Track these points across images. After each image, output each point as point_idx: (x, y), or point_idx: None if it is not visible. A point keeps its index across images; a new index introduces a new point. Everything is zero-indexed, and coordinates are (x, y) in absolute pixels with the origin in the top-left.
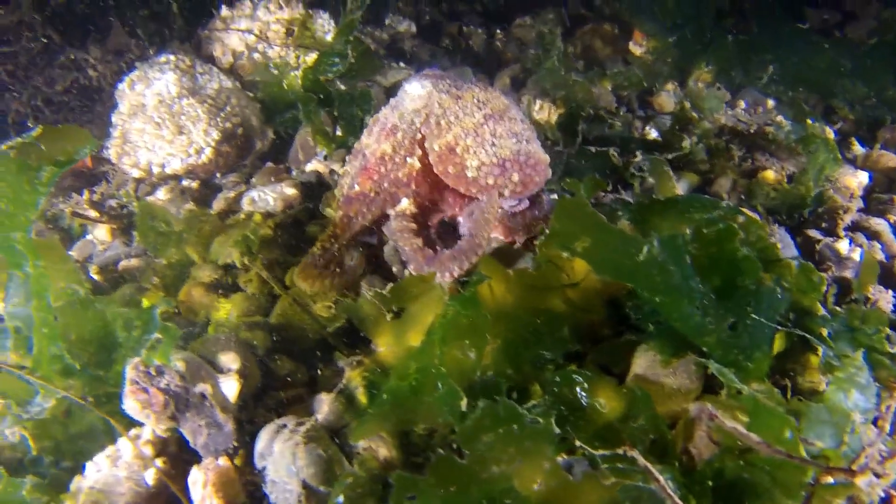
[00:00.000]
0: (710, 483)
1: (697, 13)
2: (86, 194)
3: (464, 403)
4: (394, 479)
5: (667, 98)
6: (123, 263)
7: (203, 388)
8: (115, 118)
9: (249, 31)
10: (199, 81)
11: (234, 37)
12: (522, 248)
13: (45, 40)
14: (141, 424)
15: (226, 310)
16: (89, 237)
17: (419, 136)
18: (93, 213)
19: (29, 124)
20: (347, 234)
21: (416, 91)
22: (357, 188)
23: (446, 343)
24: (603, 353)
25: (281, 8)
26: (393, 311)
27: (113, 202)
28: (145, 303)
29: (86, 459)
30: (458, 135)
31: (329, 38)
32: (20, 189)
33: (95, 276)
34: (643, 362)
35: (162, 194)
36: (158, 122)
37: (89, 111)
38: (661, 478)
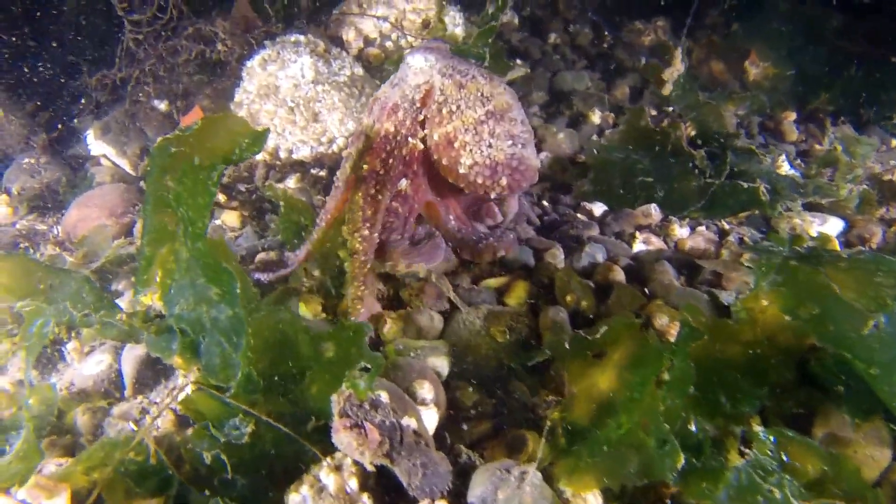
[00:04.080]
0: None
1: (814, 39)
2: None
3: (680, 461)
4: None
5: (790, 127)
6: (261, 256)
7: (409, 422)
8: (240, 96)
9: (385, 19)
10: (333, 67)
11: (368, 22)
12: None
13: (174, 10)
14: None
15: (397, 326)
16: (217, 222)
17: (420, 116)
18: (221, 198)
19: (149, 91)
20: (377, 214)
21: (419, 64)
22: (367, 167)
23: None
24: (785, 406)
25: None
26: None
27: (242, 186)
28: (303, 308)
29: (275, 482)
30: (458, 128)
31: (458, 31)
32: (196, 191)
33: None
34: (833, 422)
35: (292, 182)
36: (292, 108)
37: (208, 85)
38: None
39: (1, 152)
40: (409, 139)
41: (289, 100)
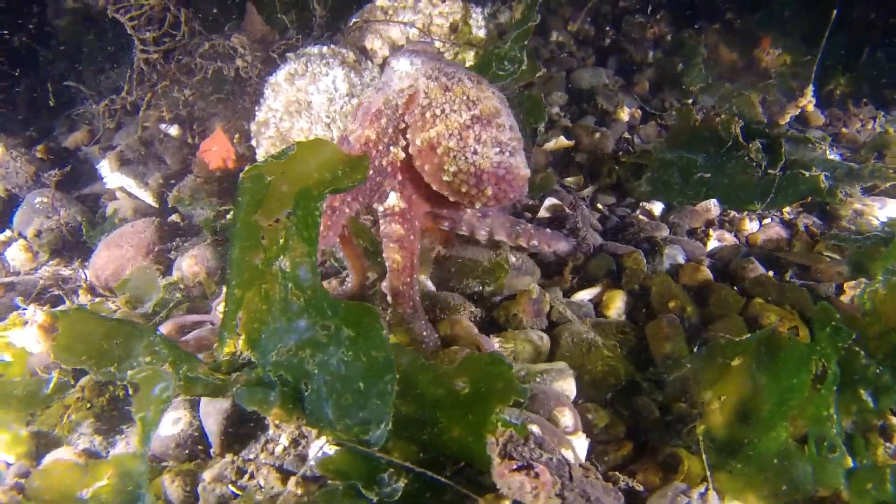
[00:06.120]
0: None
1: (825, 28)
2: None
3: (849, 465)
4: None
5: (815, 112)
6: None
7: (567, 454)
8: (264, 115)
9: (412, 25)
10: (365, 78)
11: (395, 29)
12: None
13: (185, 27)
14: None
15: (506, 350)
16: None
17: (403, 124)
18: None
19: (165, 117)
20: (332, 228)
21: (404, 68)
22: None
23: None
24: None
25: (443, 1)
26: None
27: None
28: (393, 339)
29: None
30: (442, 133)
31: (481, 33)
32: (307, 224)
33: None
34: None
35: None
36: (328, 124)
37: (224, 105)
38: None
39: (7, 192)
40: (391, 148)
41: (324, 115)
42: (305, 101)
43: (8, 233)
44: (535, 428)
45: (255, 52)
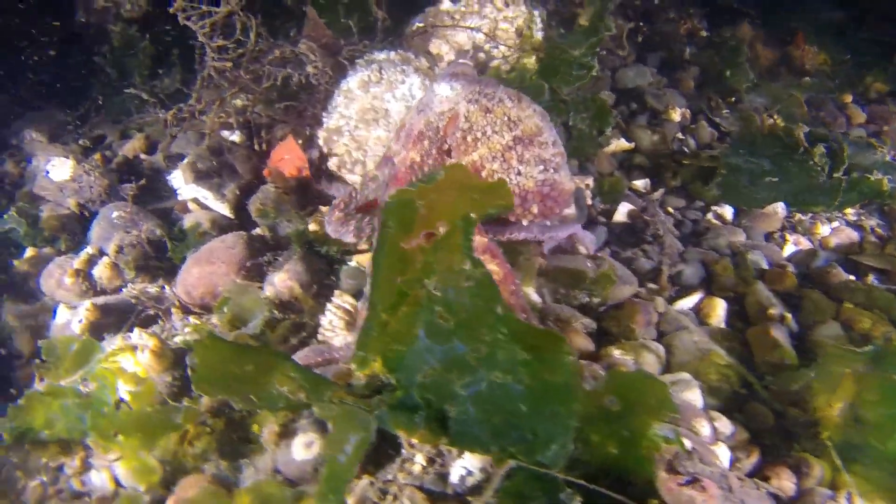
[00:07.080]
0: None
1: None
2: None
3: None
4: None
5: (856, 110)
6: None
7: (722, 467)
8: (336, 122)
9: (479, 30)
10: None
11: (461, 34)
12: None
13: (255, 35)
14: None
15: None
16: (352, 264)
17: (445, 146)
18: (352, 238)
19: (233, 124)
20: None
21: (444, 93)
22: (389, 199)
23: None
24: None
25: (507, 5)
26: None
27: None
28: None
29: None
30: (485, 156)
31: (539, 35)
32: (461, 247)
33: None
34: None
35: None
36: None
37: (290, 113)
38: None
39: (79, 206)
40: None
41: None
42: (382, 109)
43: (90, 250)
44: (687, 442)
45: (326, 58)
